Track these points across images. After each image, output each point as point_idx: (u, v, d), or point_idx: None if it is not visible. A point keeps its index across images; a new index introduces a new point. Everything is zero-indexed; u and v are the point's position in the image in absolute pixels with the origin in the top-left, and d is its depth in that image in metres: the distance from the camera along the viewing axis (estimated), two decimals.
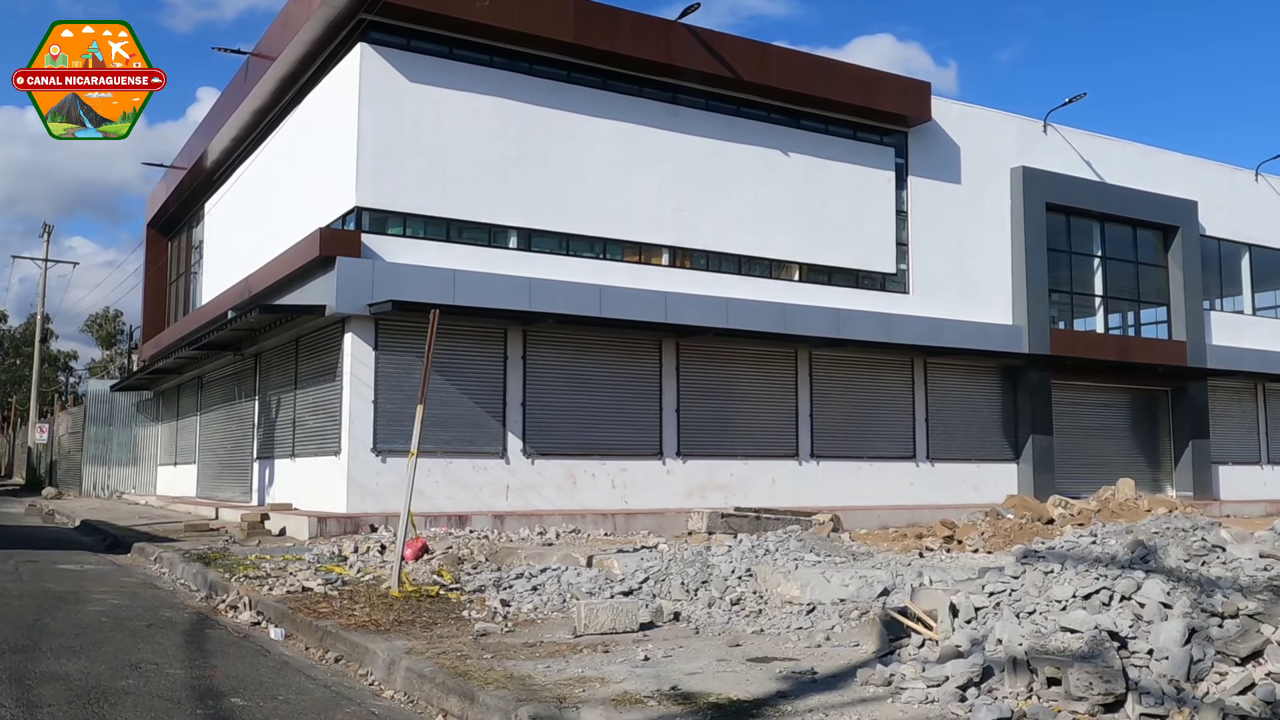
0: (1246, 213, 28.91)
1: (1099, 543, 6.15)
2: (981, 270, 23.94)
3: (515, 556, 11.78)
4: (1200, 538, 5.93)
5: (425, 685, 5.97)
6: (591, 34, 19.21)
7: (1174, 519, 6.59)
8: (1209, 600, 5.29)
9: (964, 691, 5.18)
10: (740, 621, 7.76)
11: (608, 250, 19.82)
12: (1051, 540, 7.19)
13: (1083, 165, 25.80)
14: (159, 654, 6.93)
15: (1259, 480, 28.33)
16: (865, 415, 22.29)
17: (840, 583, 7.87)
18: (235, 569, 11.00)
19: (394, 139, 17.98)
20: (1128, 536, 6.07)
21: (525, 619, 8.09)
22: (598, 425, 19.18)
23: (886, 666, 5.78)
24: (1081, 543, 6.28)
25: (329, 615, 8.04)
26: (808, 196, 21.76)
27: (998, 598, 5.89)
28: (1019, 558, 6.39)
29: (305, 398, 19.59)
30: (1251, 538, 5.94)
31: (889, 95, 22.44)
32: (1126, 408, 26.95)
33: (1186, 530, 6.07)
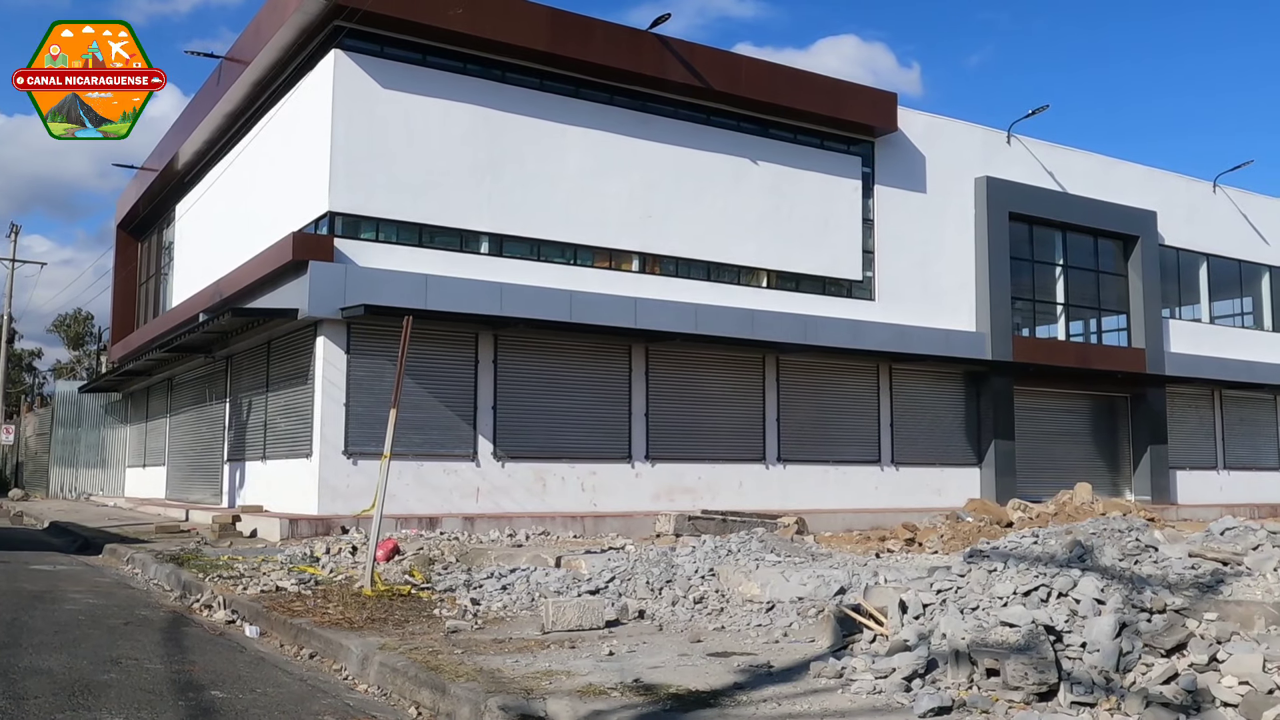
0: (1204, 223, 29.55)
1: (1040, 543, 6.49)
2: (946, 278, 24.39)
3: (485, 557, 12.03)
4: (1134, 539, 6.27)
5: (398, 679, 6.21)
6: (564, 43, 19.48)
7: (1111, 521, 6.94)
8: (1139, 597, 5.63)
9: (909, 682, 5.49)
10: (702, 619, 8.05)
11: (578, 256, 20.09)
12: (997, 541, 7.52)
13: (1045, 176, 26.32)
14: (138, 650, 7.13)
15: (1215, 485, 28.96)
16: (831, 420, 22.66)
17: (799, 582, 8.18)
18: (209, 569, 11.17)
19: (367, 144, 18.17)
20: (1067, 537, 6.40)
21: (495, 617, 8.35)
22: (567, 429, 19.43)
23: (839, 660, 6.09)
24: (1024, 543, 6.61)
25: (303, 613, 8.26)
26: (776, 204, 22.11)
27: (944, 595, 6.21)
28: (966, 557, 6.71)
29: (277, 400, 19.72)
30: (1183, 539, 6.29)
31: (856, 106, 22.85)
32: (1087, 413, 27.48)
33: (1122, 531, 6.41)
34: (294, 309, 17.68)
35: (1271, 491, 29.85)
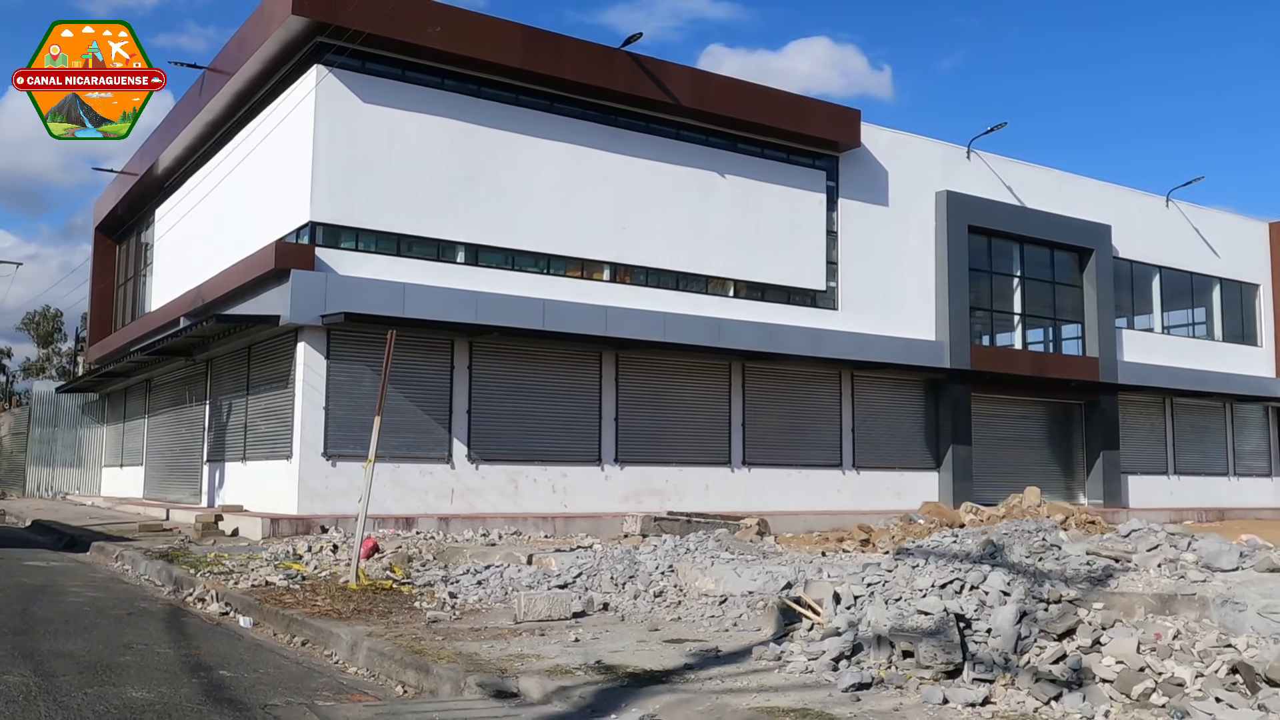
0: (1157, 236, 30.60)
1: (959, 542, 7.27)
2: (907, 288, 25.27)
3: (461, 555, 12.73)
4: (1041, 538, 7.07)
5: (385, 662, 6.92)
6: (538, 60, 20.18)
7: (1024, 523, 7.74)
8: (1040, 589, 6.41)
9: (836, 663, 6.26)
10: (661, 611, 8.81)
11: (551, 266, 20.79)
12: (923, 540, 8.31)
13: (1004, 190, 27.26)
14: (145, 637, 7.80)
15: (1166, 489, 30.01)
16: (795, 425, 23.46)
17: (749, 578, 8.95)
18: (198, 565, 11.81)
19: (348, 157, 18.80)
20: (982, 537, 7.19)
21: (471, 608, 9.07)
22: (540, 432, 20.14)
23: (779, 645, 6.85)
24: (945, 543, 7.39)
25: (293, 605, 8.94)
26: (742, 216, 22.90)
27: (873, 588, 6.98)
28: (895, 555, 7.49)
29: (257, 403, 20.31)
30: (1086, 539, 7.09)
31: (821, 122, 23.69)
32: (1042, 420, 28.45)
33: (1030, 532, 7.20)
34: (276, 315, 18.29)
35: (1220, 496, 30.97)
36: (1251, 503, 31.52)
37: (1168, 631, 5.95)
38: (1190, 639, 5.90)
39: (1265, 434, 33.22)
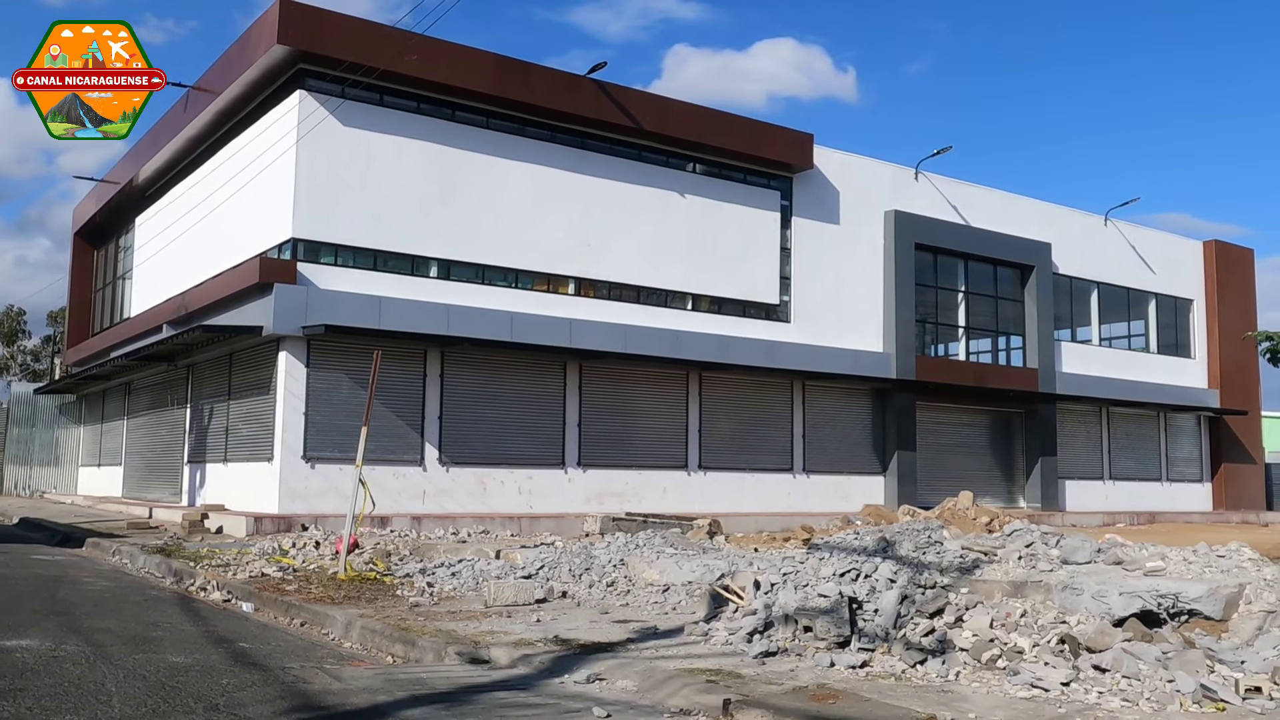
0: (1096, 254, 32.30)
1: (859, 539, 8.63)
2: (856, 302, 26.76)
3: (435, 551, 13.99)
4: (926, 536, 8.45)
5: (376, 638, 8.19)
6: (509, 86, 21.47)
7: (914, 523, 9.12)
8: (920, 577, 7.78)
9: (751, 637, 7.60)
10: (612, 598, 10.13)
11: (519, 280, 22.06)
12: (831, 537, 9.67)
13: (950, 209, 28.82)
14: (166, 617, 9.02)
15: (1100, 494, 31.69)
16: (748, 431, 24.87)
17: (689, 569, 10.29)
18: (195, 559, 13.01)
19: (328, 177, 19.99)
20: (877, 534, 8.56)
21: (447, 595, 10.36)
22: (507, 437, 21.41)
23: (708, 624, 8.20)
24: (848, 539, 8.76)
25: (290, 593, 10.19)
26: (701, 234, 24.29)
27: (787, 576, 8.31)
28: (808, 549, 8.85)
29: (239, 408, 21.44)
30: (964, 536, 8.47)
31: (776, 145, 25.12)
32: (985, 427, 30.04)
33: (919, 531, 8.57)
34: (259, 326, 19.44)
35: (1151, 500, 32.70)
36: (1183, 507, 33.27)
37: (1016, 611, 7.34)
38: (1034, 617, 7.28)
39: (1197, 442, 34.98)
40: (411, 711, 5.78)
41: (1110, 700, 5.93)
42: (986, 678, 6.56)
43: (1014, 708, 5.82)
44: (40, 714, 5.37)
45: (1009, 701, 5.97)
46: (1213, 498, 34.79)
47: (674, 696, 6.13)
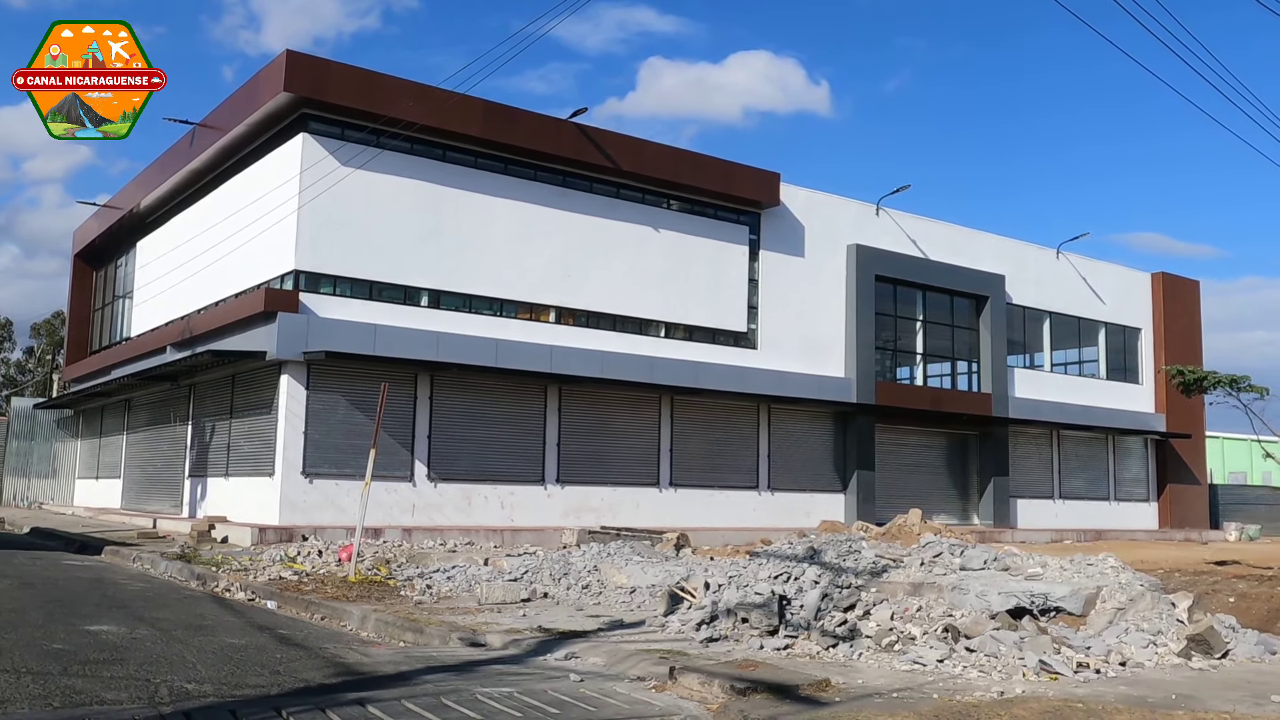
0: (1048, 285, 34.23)
1: (792, 548, 10.33)
2: (820, 331, 28.56)
3: (429, 559, 15.62)
4: (849, 546, 10.16)
5: (389, 628, 9.81)
6: (496, 129, 23.19)
7: (839, 535, 10.85)
8: (839, 579, 9.47)
9: (699, 626, 9.28)
10: (587, 598, 11.80)
11: (504, 309, 23.73)
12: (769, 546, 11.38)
13: (909, 243, 30.68)
14: (209, 611, 10.61)
15: (1051, 512, 33.54)
16: (717, 451, 26.59)
17: (654, 575, 11.97)
18: (216, 565, 14.57)
19: (328, 213, 21.61)
20: (806, 544, 10.26)
21: (445, 595, 11.99)
22: (491, 455, 23.05)
23: (666, 618, 9.87)
24: (783, 548, 10.45)
25: (309, 592, 11.79)
26: (674, 266, 26.04)
27: (732, 578, 10.00)
28: (750, 556, 10.54)
29: (241, 425, 22.98)
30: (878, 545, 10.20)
31: (745, 183, 26.92)
32: (941, 448, 31.87)
33: (842, 540, 10.28)
34: (263, 351, 21.02)
35: (1100, 519, 34.57)
36: (1129, 525, 35.16)
37: (913, 606, 9.05)
38: (928, 611, 8.99)
39: (1144, 463, 36.89)
40: (430, 676, 7.43)
41: (970, 672, 7.64)
42: (882, 657, 8.26)
43: (895, 677, 7.53)
44: (148, 673, 6.98)
45: (892, 673, 7.67)
46: (1159, 517, 36.66)
47: (633, 668, 7.80)
